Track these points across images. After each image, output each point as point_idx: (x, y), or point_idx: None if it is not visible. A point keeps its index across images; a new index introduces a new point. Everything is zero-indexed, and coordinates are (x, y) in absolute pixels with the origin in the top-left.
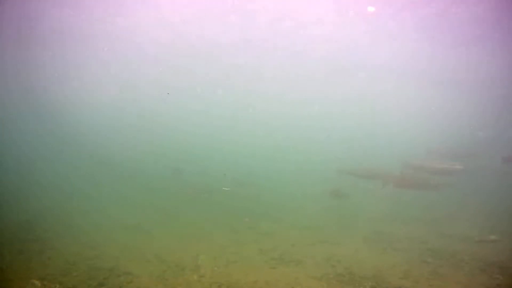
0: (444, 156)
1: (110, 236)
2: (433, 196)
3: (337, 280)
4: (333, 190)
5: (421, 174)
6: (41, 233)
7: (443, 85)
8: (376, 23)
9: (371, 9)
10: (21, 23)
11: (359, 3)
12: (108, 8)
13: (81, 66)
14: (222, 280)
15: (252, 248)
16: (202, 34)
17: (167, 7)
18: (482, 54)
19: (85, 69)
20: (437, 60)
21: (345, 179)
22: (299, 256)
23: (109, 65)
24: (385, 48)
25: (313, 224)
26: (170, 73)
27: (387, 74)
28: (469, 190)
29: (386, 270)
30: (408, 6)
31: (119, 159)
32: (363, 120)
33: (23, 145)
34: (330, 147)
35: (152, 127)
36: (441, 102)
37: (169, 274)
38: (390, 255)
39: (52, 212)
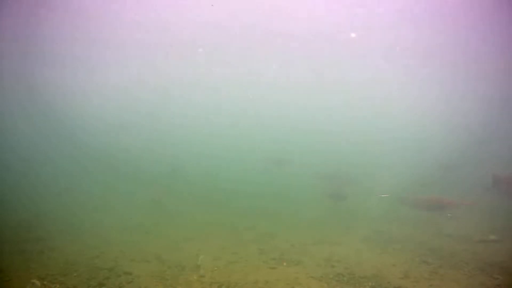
0: None
1: (110, 236)
2: None
3: (337, 280)
4: (335, 192)
5: None
6: (41, 233)
7: None
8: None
9: None
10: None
11: None
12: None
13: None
14: (222, 280)
15: (252, 248)
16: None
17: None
18: None
19: (85, 68)
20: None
21: None
22: (300, 256)
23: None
24: None
25: None
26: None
27: None
28: None
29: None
30: None
31: (119, 159)
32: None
33: (23, 144)
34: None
35: (151, 126)
36: None
37: (169, 274)
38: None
39: (52, 212)
